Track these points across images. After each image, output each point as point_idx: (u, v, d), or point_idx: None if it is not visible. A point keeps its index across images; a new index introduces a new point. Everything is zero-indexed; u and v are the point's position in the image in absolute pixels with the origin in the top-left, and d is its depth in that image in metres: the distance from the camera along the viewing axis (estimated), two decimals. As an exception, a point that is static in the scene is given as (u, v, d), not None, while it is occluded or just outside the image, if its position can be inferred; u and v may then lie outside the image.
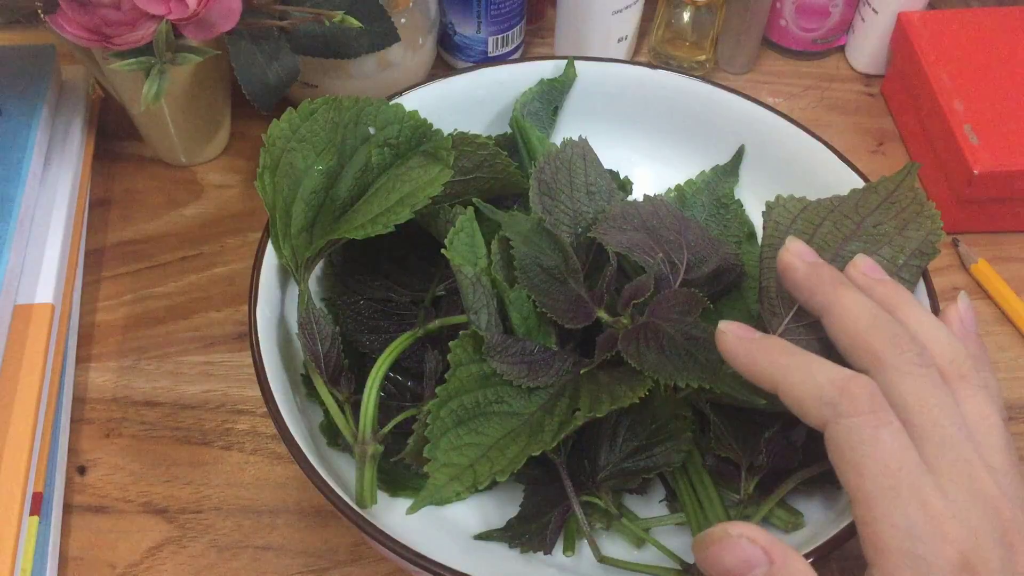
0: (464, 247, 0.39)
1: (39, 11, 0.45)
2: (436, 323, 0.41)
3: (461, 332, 0.37)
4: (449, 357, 0.36)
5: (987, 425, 0.30)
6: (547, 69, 0.49)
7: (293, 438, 0.35)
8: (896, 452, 0.28)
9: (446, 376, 0.36)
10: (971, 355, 0.32)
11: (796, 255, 0.35)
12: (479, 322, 0.37)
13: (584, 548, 0.38)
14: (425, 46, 0.57)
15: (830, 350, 0.38)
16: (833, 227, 0.39)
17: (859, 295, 0.32)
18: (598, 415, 0.34)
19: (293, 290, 0.42)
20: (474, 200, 0.41)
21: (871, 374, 0.30)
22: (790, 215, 0.40)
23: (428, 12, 0.56)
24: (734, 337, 0.32)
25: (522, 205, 0.45)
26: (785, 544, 0.27)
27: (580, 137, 0.44)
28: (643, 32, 0.63)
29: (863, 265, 0.35)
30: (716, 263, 0.42)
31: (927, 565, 0.26)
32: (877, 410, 0.28)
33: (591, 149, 0.45)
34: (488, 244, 0.40)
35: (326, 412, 0.40)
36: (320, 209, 0.41)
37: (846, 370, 0.30)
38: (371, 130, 0.42)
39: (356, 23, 0.46)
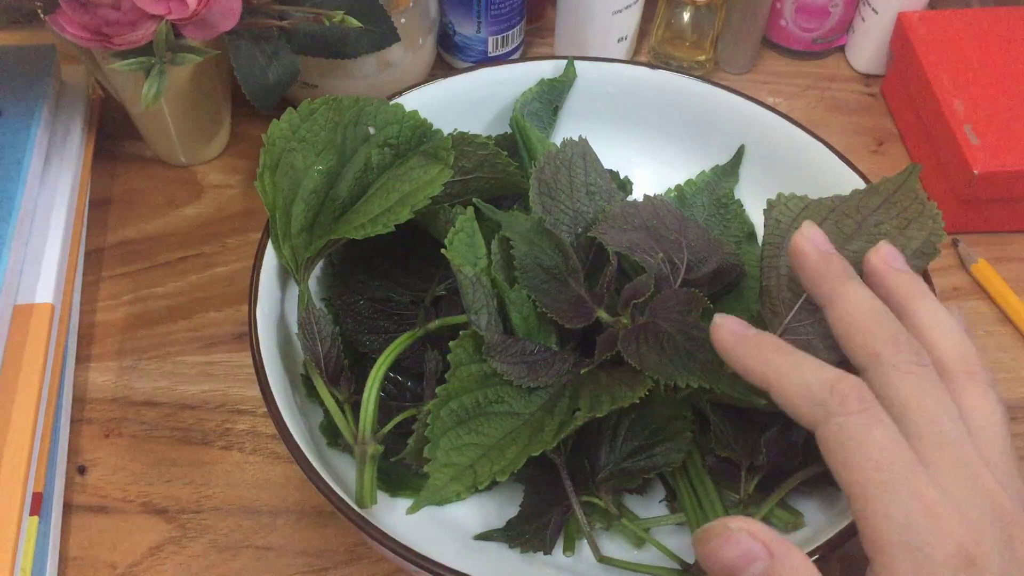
0: (464, 247, 0.39)
1: (39, 11, 0.45)
2: (436, 323, 0.41)
3: (461, 332, 0.37)
4: (449, 357, 0.36)
5: (990, 423, 0.30)
6: (547, 69, 0.49)
7: (293, 438, 0.35)
8: (887, 447, 0.28)
9: (446, 376, 0.36)
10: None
11: (809, 240, 0.34)
12: (479, 322, 0.37)
13: (584, 548, 0.38)
14: (425, 46, 0.57)
15: (830, 350, 0.38)
16: (834, 226, 0.39)
17: (865, 290, 0.32)
18: (598, 415, 0.34)
19: (293, 290, 0.42)
20: (474, 200, 0.41)
21: (867, 370, 0.30)
22: (791, 214, 0.40)
23: (428, 12, 0.56)
24: (728, 332, 0.32)
25: (522, 205, 0.45)
26: (785, 539, 0.28)
27: (580, 137, 0.44)
28: (643, 32, 0.63)
29: (885, 251, 0.35)
30: (716, 263, 0.42)
31: (925, 557, 0.26)
32: (867, 408, 0.28)
33: (591, 149, 0.45)
34: (488, 244, 0.40)
35: (326, 412, 0.40)
36: (320, 209, 0.41)
37: (836, 370, 0.30)
38: (371, 130, 0.42)
39: (356, 23, 0.46)
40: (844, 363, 0.32)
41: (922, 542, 0.26)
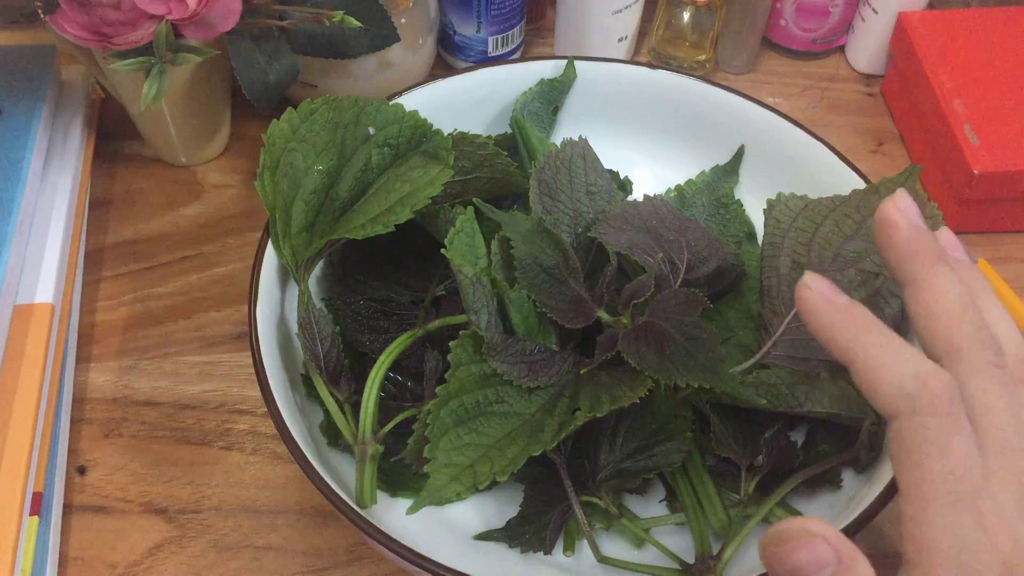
0: (464, 247, 0.39)
1: (39, 11, 0.45)
2: (436, 323, 0.41)
3: (461, 332, 0.37)
4: (449, 357, 0.36)
5: None
6: (547, 69, 0.49)
7: (293, 438, 0.35)
8: (963, 459, 0.27)
9: (446, 376, 0.36)
10: None
11: (902, 211, 0.31)
12: (479, 322, 0.37)
13: (584, 548, 0.38)
14: (425, 46, 0.57)
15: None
16: (834, 226, 0.39)
17: (954, 277, 0.30)
18: (598, 415, 0.34)
19: (293, 290, 0.42)
20: (474, 200, 0.41)
21: (943, 363, 0.29)
22: (791, 213, 0.40)
23: (428, 12, 0.56)
24: (818, 295, 0.29)
25: (522, 205, 0.45)
26: (853, 546, 0.27)
27: (580, 137, 0.44)
28: (643, 32, 0.63)
29: (945, 238, 0.33)
30: (716, 263, 0.42)
31: (971, 572, 0.26)
32: (954, 412, 0.27)
33: (591, 149, 0.45)
34: (488, 244, 0.40)
35: (326, 412, 0.40)
36: (320, 209, 0.41)
37: (929, 362, 0.28)
38: (371, 130, 0.42)
39: (356, 23, 0.46)
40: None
41: (971, 558, 0.26)
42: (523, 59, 0.62)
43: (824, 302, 0.29)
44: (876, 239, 0.32)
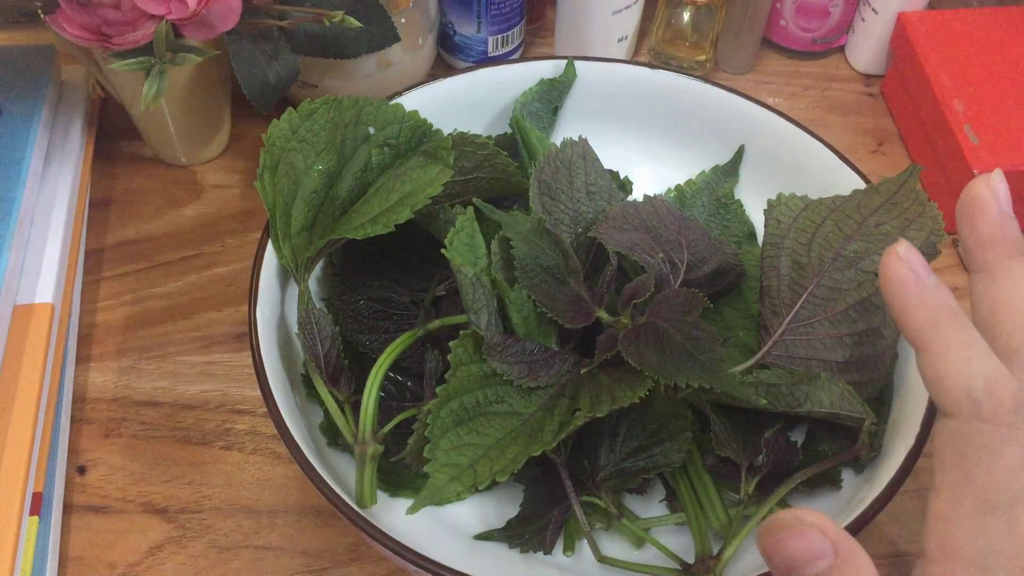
0: (464, 247, 0.39)
1: (39, 11, 0.45)
2: (436, 323, 0.41)
3: (461, 332, 0.37)
4: (449, 357, 0.36)
5: None
6: (547, 69, 0.49)
7: (293, 438, 0.35)
8: (1011, 471, 0.27)
9: (446, 376, 0.36)
10: None
11: (994, 194, 0.29)
12: (479, 322, 0.37)
13: (584, 548, 0.38)
14: (425, 46, 0.57)
15: (832, 349, 0.38)
16: (835, 226, 0.39)
17: None
18: (598, 415, 0.34)
19: (293, 290, 0.42)
20: (474, 200, 0.41)
21: (1001, 358, 0.28)
22: (792, 214, 0.40)
23: (428, 12, 0.56)
24: (909, 270, 0.28)
25: (522, 205, 0.45)
26: (852, 539, 0.26)
27: (580, 137, 0.44)
28: (643, 32, 0.63)
29: None
30: (716, 263, 0.42)
31: None
32: (1014, 423, 0.27)
33: (591, 149, 0.45)
34: (488, 244, 0.40)
35: (326, 412, 0.40)
36: (320, 209, 0.41)
37: (1000, 365, 0.27)
38: (371, 130, 0.42)
39: (356, 23, 0.46)
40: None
41: (994, 566, 0.26)
42: (523, 59, 0.62)
43: (913, 278, 0.28)
44: (957, 217, 0.30)
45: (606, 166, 0.45)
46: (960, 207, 0.30)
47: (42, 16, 0.44)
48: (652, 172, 0.50)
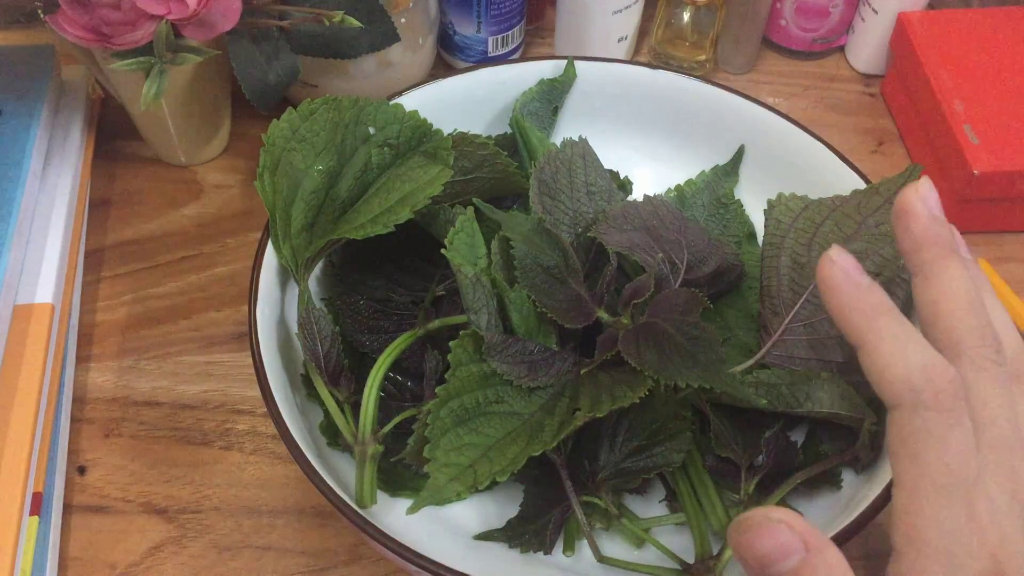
0: (464, 247, 0.39)
1: (39, 11, 0.45)
2: (436, 323, 0.41)
3: (461, 332, 0.37)
4: (449, 357, 0.36)
5: None
6: (547, 69, 0.49)
7: (293, 438, 0.35)
8: (960, 455, 0.27)
9: (446, 376, 0.36)
10: None
11: (923, 200, 0.31)
12: (479, 322, 0.37)
13: (584, 548, 0.38)
14: (425, 46, 0.57)
15: (831, 349, 0.38)
16: (835, 226, 0.39)
17: (965, 271, 0.30)
18: (598, 415, 0.34)
19: (293, 290, 0.42)
20: (474, 200, 0.41)
21: (944, 355, 0.29)
22: (792, 214, 0.40)
23: (428, 12, 0.56)
24: (842, 272, 0.29)
25: (522, 205, 0.45)
26: (822, 534, 0.27)
27: (580, 137, 0.44)
28: (643, 32, 0.63)
29: (955, 238, 0.33)
30: (716, 263, 0.42)
31: (960, 566, 0.26)
32: (956, 408, 0.27)
33: (591, 149, 0.45)
34: (488, 244, 0.40)
35: (326, 412, 0.40)
36: (320, 209, 0.41)
37: (938, 355, 0.28)
38: (371, 130, 0.42)
39: (356, 23, 0.46)
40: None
41: (961, 552, 0.26)
42: (523, 59, 0.62)
43: (845, 279, 0.29)
44: (893, 224, 0.32)
45: (606, 166, 0.45)
46: (894, 216, 0.31)
47: (42, 16, 0.44)
48: (652, 172, 0.50)
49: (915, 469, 0.27)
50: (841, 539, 0.34)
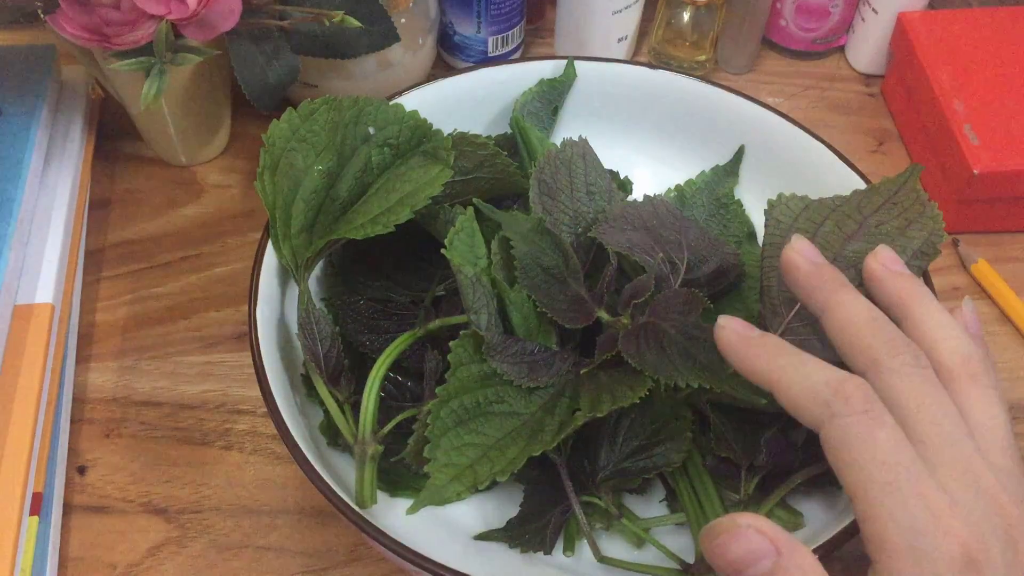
0: (464, 247, 0.39)
1: (39, 11, 0.45)
2: (436, 323, 0.41)
3: (461, 332, 0.37)
4: (449, 357, 0.36)
5: (992, 424, 0.30)
6: (547, 69, 0.49)
7: (293, 438, 0.35)
8: (892, 449, 0.28)
9: (446, 376, 0.36)
10: (983, 355, 0.32)
11: (799, 253, 0.34)
12: (479, 322, 0.37)
13: (584, 548, 0.38)
14: (425, 46, 0.57)
15: (831, 350, 0.38)
16: (835, 226, 0.39)
17: (859, 297, 0.32)
18: (598, 415, 0.34)
19: (293, 290, 0.42)
20: (474, 200, 0.41)
21: (868, 376, 0.30)
22: (792, 214, 0.40)
23: (428, 12, 0.56)
24: (732, 333, 0.32)
25: (522, 205, 0.45)
26: (792, 537, 0.27)
27: (580, 137, 0.44)
28: (643, 32, 0.63)
29: (884, 255, 0.35)
30: (716, 263, 0.42)
31: (929, 560, 0.26)
32: (871, 409, 0.28)
33: (591, 149, 0.45)
34: (488, 244, 0.40)
35: (326, 412, 0.40)
36: (320, 209, 0.41)
37: (841, 371, 0.30)
38: (371, 130, 0.42)
39: (356, 23, 0.46)
40: (844, 365, 0.32)
41: (926, 544, 0.26)
42: (523, 59, 0.62)
43: (738, 339, 0.32)
44: (786, 283, 0.35)
45: (606, 166, 0.45)
46: (783, 274, 0.35)
47: (42, 16, 0.44)
48: (652, 172, 0.50)
49: (856, 475, 0.28)
50: (841, 539, 0.34)
